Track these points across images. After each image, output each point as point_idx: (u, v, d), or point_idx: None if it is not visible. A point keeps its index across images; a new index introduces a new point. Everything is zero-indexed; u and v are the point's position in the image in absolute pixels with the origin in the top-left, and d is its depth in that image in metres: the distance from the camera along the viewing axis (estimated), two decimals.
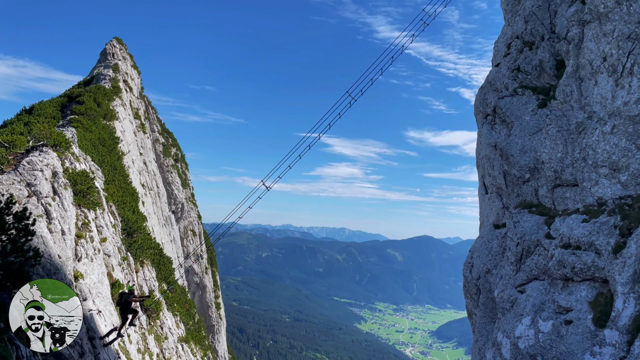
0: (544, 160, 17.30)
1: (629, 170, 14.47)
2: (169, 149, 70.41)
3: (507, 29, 22.72)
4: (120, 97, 48.24)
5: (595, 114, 16.11)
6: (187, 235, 70.27)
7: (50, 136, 21.36)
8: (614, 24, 15.71)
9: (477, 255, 19.13)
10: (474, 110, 22.67)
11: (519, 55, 20.24)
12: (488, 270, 18.19)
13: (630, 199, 14.27)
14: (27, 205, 15.69)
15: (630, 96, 14.97)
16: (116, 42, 59.49)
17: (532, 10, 19.94)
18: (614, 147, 14.94)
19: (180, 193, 69.28)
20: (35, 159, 18.21)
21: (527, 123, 18.39)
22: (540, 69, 19.29)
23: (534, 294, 15.46)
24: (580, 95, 16.88)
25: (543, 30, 19.45)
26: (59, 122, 32.60)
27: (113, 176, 32.71)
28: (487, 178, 20.81)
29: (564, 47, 18.11)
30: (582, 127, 16.34)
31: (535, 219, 16.80)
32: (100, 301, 19.96)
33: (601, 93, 16.00)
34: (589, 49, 16.55)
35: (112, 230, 25.06)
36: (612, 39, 15.68)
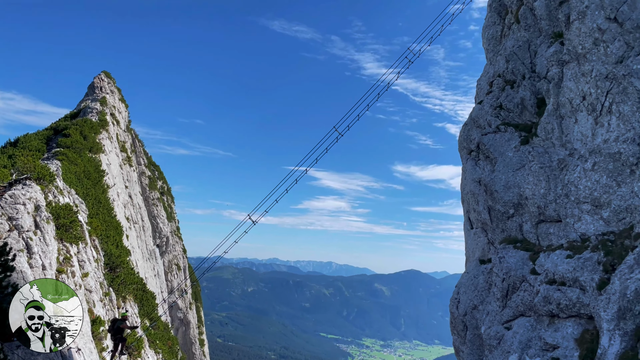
0: (528, 196, 17.52)
1: (610, 207, 14.69)
2: (155, 182, 70.03)
3: (489, 67, 23.31)
4: (107, 130, 48.17)
5: (576, 151, 16.44)
6: (172, 269, 69.21)
7: (34, 169, 21.16)
8: (592, 65, 16.21)
9: (463, 291, 19.08)
10: (458, 146, 23.00)
11: (501, 93, 20.73)
12: (474, 306, 18.12)
13: (612, 235, 14.43)
14: (7, 239, 15.41)
15: (609, 134, 15.34)
16: (104, 75, 59.80)
17: (513, 50, 20.53)
18: (596, 183, 15.20)
19: (165, 226, 68.57)
20: (18, 192, 17.98)
21: (510, 159, 18.68)
22: (522, 106, 19.73)
23: (520, 331, 15.39)
24: (561, 132, 17.25)
25: (524, 69, 19.99)
26: (44, 155, 32.37)
27: (97, 209, 32.33)
28: (472, 213, 20.96)
29: (544, 86, 18.60)
30: (564, 163, 16.64)
31: (520, 254, 16.88)
32: (80, 338, 19.41)
33: (581, 131, 16.37)
34: (569, 88, 17.01)
35: (94, 265, 24.61)
36: (590, 79, 16.16)
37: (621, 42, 15.69)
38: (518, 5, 21.38)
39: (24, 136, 37.05)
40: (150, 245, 60.25)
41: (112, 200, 40.36)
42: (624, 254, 13.31)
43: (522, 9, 20.79)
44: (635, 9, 15.87)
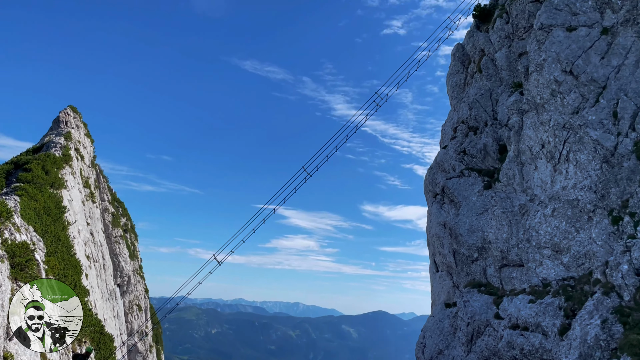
0: (491, 240, 17.82)
1: (570, 252, 15.06)
2: (119, 219, 68.43)
3: (453, 114, 24.04)
4: (70, 166, 47.14)
5: (536, 197, 16.91)
6: (132, 310, 66.86)
7: None
8: (550, 114, 16.91)
9: (429, 335, 19.01)
10: (424, 189, 23.39)
11: (464, 139, 21.33)
12: (440, 350, 18.04)
13: (572, 280, 14.74)
14: None
15: (567, 181, 15.87)
16: (70, 110, 58.95)
17: (476, 98, 21.29)
18: (555, 229, 15.60)
19: (128, 265, 66.62)
20: None
21: (474, 203, 19.06)
22: (485, 152, 20.31)
23: None
24: (522, 178, 17.77)
25: (486, 116, 20.70)
26: (2, 190, 31.33)
27: (56, 247, 31.23)
28: (438, 256, 21.14)
29: (505, 133, 19.25)
30: (525, 209, 17.07)
31: (484, 298, 17.01)
32: None
33: (541, 177, 16.90)
34: (528, 136, 17.65)
35: None
36: (548, 128, 16.82)
37: (577, 93, 16.48)
38: (480, 55, 22.32)
39: None
40: (111, 284, 58.27)
41: (73, 237, 39.14)
42: (583, 299, 13.57)
43: (484, 59, 21.70)
44: (589, 63, 16.77)
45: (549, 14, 18.41)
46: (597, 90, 16.30)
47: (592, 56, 16.89)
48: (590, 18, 17.86)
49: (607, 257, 13.99)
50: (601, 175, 15.00)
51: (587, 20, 17.85)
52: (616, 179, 14.68)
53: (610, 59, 16.64)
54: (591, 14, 17.93)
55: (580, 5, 18.17)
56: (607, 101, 15.92)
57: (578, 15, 18.07)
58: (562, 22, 18.07)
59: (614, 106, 15.81)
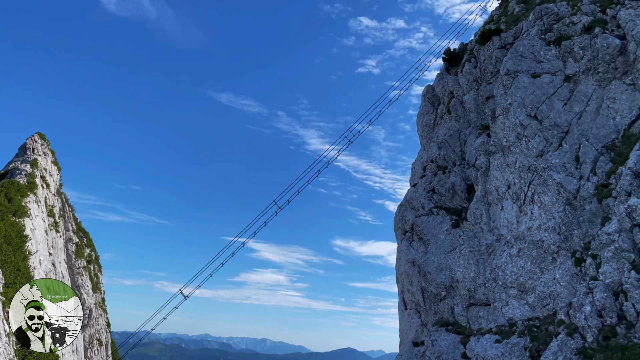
0: (459, 278, 17.97)
1: (535, 292, 15.29)
2: (83, 249, 66.51)
3: (423, 153, 24.53)
4: (35, 194, 45.93)
5: (502, 236, 17.23)
6: (93, 345, 64.28)
7: None
8: (515, 156, 17.42)
9: None
10: (394, 226, 23.57)
11: (433, 178, 21.73)
12: None
13: (537, 320, 14.92)
14: None
15: (532, 222, 16.25)
16: (38, 137, 57.85)
17: (445, 139, 21.81)
18: (521, 269, 15.87)
19: (90, 297, 64.43)
20: None
21: (443, 242, 19.28)
22: (453, 191, 20.70)
23: None
24: (489, 218, 18.12)
25: (455, 156, 21.19)
26: None
27: (15, 278, 30.10)
28: (407, 294, 21.15)
29: (473, 173, 19.70)
30: (492, 248, 17.35)
31: (451, 337, 17.02)
32: None
33: (507, 217, 17.27)
34: (495, 177, 18.10)
35: (4, 340, 22.55)
36: (514, 169, 17.30)
37: (541, 137, 17.07)
38: (449, 97, 22.99)
39: None
40: None
41: (33, 268, 37.81)
42: (548, 340, 13.72)
43: (453, 101, 22.35)
44: (552, 108, 17.45)
45: (514, 61, 19.19)
46: (560, 134, 16.92)
47: (555, 102, 17.59)
48: (553, 66, 18.68)
49: (571, 298, 14.24)
50: (564, 217, 15.41)
51: (551, 67, 18.66)
52: (579, 221, 15.11)
53: (572, 105, 17.36)
54: (554, 62, 18.76)
55: (544, 54, 19.02)
56: (569, 145, 16.52)
57: (542, 63, 18.88)
58: (527, 68, 18.85)
59: (576, 150, 16.41)
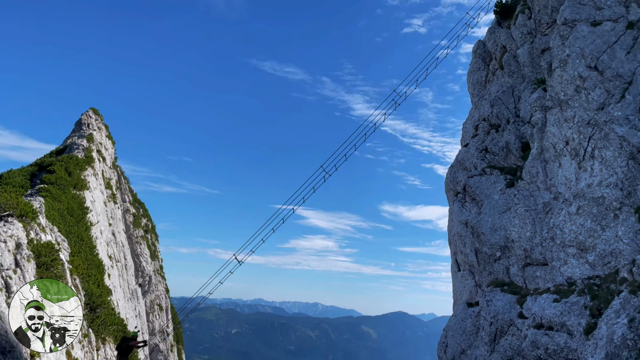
0: (514, 239, 17.57)
1: (595, 251, 14.77)
2: (140, 219, 69.29)
3: (474, 111, 23.79)
4: (92, 167, 47.87)
5: (560, 194, 16.63)
6: (154, 310, 67.60)
7: (16, 206, 20.82)
8: (574, 111, 16.62)
9: (451, 334, 18.83)
10: (445, 187, 23.19)
11: (486, 137, 21.08)
12: (462, 350, 17.85)
13: (598, 279, 14.46)
14: None
15: (592, 179, 15.58)
16: (92, 112, 59.90)
17: (497, 95, 21.03)
18: (580, 227, 15.32)
19: (149, 265, 67.41)
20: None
21: (496, 202, 18.82)
22: (507, 150, 20.05)
23: None
24: (545, 176, 17.50)
25: (508, 113, 20.44)
26: (27, 191, 31.94)
27: (79, 247, 31.74)
28: (460, 255, 20.93)
29: (528, 130, 18.98)
30: (549, 207, 16.80)
31: (507, 297, 16.78)
32: None
33: (565, 175, 16.62)
34: (552, 133, 17.37)
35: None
36: (573, 125, 16.53)
37: (602, 89, 16.17)
38: (502, 52, 22.05)
39: (8, 172, 36.62)
40: (133, 284, 59.01)
41: (95, 238, 39.74)
42: (610, 298, 13.30)
43: (506, 56, 21.43)
44: (614, 58, 16.45)
45: (572, 9, 18.10)
46: (623, 85, 15.97)
47: (617, 51, 16.56)
48: (615, 12, 17.51)
49: (634, 255, 13.70)
50: (627, 172, 14.69)
51: (612, 14, 17.50)
52: None
53: (636, 54, 16.29)
54: (616, 8, 17.57)
55: (605, 0, 17.83)
56: (633, 97, 15.59)
57: (602, 10, 17.74)
58: (587, 16, 17.76)
59: None
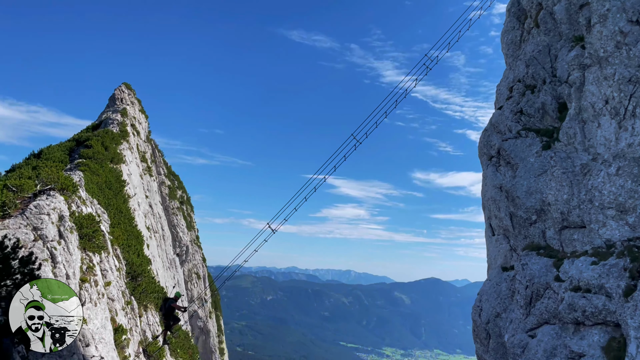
0: (550, 201, 17.25)
1: (636, 212, 14.40)
2: (175, 191, 70.79)
3: (508, 72, 23.11)
4: (127, 141, 48.92)
5: (599, 155, 16.18)
6: (192, 278, 69.67)
7: (57, 180, 21.56)
8: (614, 68, 15.97)
9: (485, 298, 18.83)
10: (478, 152, 22.81)
11: (521, 98, 20.51)
12: (497, 314, 17.86)
13: (638, 240, 14.14)
14: (32, 249, 15.70)
15: (633, 138, 15.07)
16: (125, 87, 60.82)
17: (533, 55, 20.34)
18: (620, 188, 14.92)
19: (185, 235, 69.15)
20: (43, 202, 18.33)
21: (532, 165, 18.44)
22: (543, 111, 19.50)
23: (545, 339, 15.11)
24: (583, 137, 17.00)
25: (544, 73, 19.78)
26: (66, 165, 32.98)
27: (119, 219, 32.77)
28: (494, 220, 20.72)
29: (565, 90, 18.37)
30: (587, 168, 16.37)
31: (543, 261, 16.60)
32: (103, 347, 19.63)
33: (604, 135, 16.11)
34: (591, 92, 16.78)
35: (116, 274, 24.91)
36: (613, 82, 15.92)
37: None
38: (537, 9, 21.21)
39: (47, 148, 37.82)
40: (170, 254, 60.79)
41: (133, 210, 40.88)
42: None
43: (542, 13, 20.61)
44: None
45: None
46: None
47: None
48: None
49: None
50: None
51: None
52: None
53: None
54: None
55: None
56: None
57: None
58: None
59: None
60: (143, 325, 28.17)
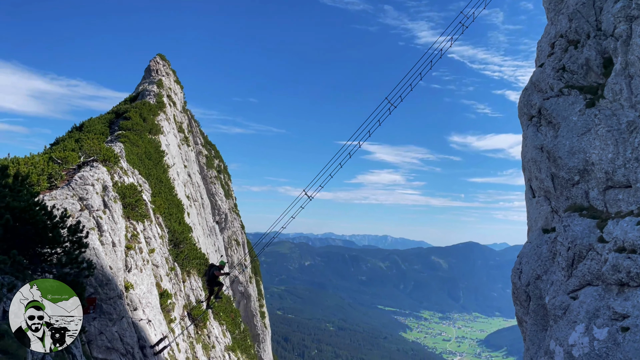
0: (594, 161, 16.70)
1: None
2: (212, 160, 71.91)
3: (550, 28, 22.13)
4: (164, 112, 49.69)
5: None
6: (231, 245, 71.33)
7: (99, 152, 22.21)
8: None
9: (525, 261, 18.60)
10: (518, 112, 22.16)
11: (563, 55, 19.66)
12: (538, 276, 17.65)
13: None
14: (79, 218, 16.34)
15: None
16: (159, 58, 61.40)
17: (576, 8, 19.38)
18: None
19: (224, 204, 70.52)
20: (87, 174, 18.95)
21: (575, 124, 17.81)
22: (587, 67, 18.69)
23: (587, 300, 14.88)
24: (630, 93, 16.25)
25: (588, 27, 18.86)
26: (107, 137, 33.85)
27: (159, 189, 33.62)
28: (534, 181, 20.25)
29: (611, 45, 17.51)
30: (634, 126, 15.70)
31: (586, 222, 16.20)
32: (150, 311, 20.49)
33: None
34: (638, 45, 15.94)
35: (159, 242, 25.73)
36: None
37: None
38: None
39: (88, 120, 38.86)
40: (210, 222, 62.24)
41: (173, 179, 41.84)
42: None
43: None
44: None
45: None
46: None
47: None
48: None
49: None
50: None
51: None
52: None
53: None
54: None
55: None
56: None
57: None
58: None
59: None
60: (187, 290, 29.19)
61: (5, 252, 9.01)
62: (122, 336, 16.26)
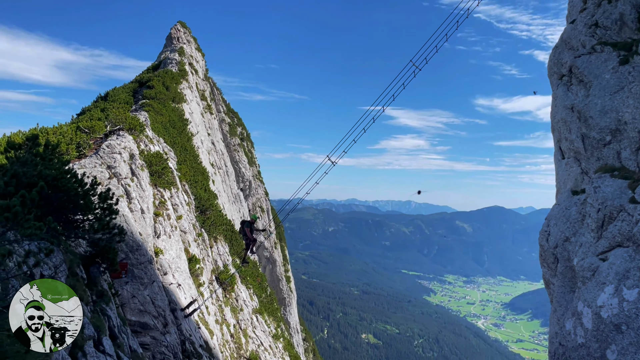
0: (627, 120, 16.20)
1: None
2: (235, 128, 72.13)
3: None
4: (186, 80, 49.73)
5: None
6: (256, 211, 72.14)
7: (125, 120, 22.42)
8: None
9: (554, 223, 18.36)
10: (547, 71, 21.52)
11: (596, 10, 18.88)
12: (566, 238, 17.44)
13: None
14: (109, 186, 16.65)
15: None
16: (180, 26, 61.07)
17: None
18: None
19: (247, 171, 71.04)
20: (114, 142, 19.21)
21: (607, 82, 17.22)
22: (621, 22, 17.92)
23: (617, 262, 14.68)
24: None
25: None
26: (132, 106, 34.13)
27: (184, 156, 33.99)
28: (564, 142, 19.80)
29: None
30: None
31: (617, 183, 15.84)
32: (179, 275, 21.01)
33: None
34: None
35: (186, 208, 26.16)
36: None
37: None
38: None
39: (113, 90, 39.18)
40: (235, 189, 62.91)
41: (197, 147, 42.19)
42: None
43: None
44: None
45: None
46: None
47: None
48: None
49: None
50: None
51: None
52: None
53: None
54: None
55: None
56: None
57: None
58: None
59: None
60: (214, 255, 29.79)
61: (40, 218, 9.26)
62: (154, 299, 16.74)
